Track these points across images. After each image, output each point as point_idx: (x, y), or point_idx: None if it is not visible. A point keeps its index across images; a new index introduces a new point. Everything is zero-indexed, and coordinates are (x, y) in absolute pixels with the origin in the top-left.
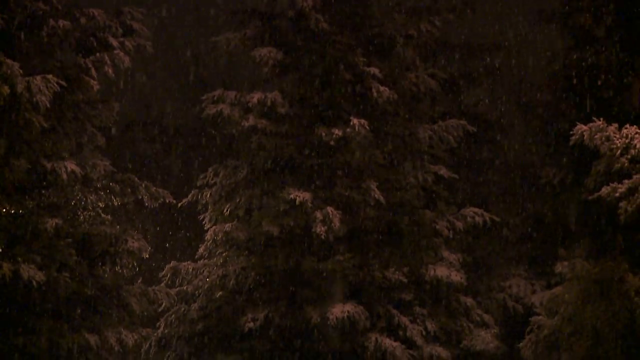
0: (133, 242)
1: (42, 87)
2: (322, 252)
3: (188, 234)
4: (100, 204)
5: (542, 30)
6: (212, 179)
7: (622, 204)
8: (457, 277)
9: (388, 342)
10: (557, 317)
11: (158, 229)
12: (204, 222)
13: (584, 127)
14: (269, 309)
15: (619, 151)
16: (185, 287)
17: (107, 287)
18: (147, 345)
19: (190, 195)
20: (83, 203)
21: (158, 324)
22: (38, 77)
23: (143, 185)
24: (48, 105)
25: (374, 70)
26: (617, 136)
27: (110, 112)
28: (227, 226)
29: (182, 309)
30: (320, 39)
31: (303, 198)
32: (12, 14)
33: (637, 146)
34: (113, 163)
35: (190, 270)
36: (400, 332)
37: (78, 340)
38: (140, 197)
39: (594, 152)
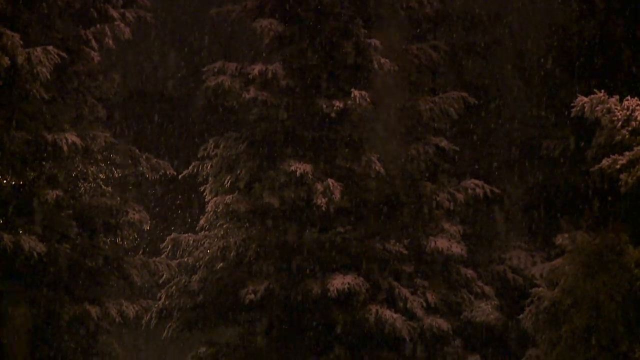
0: (134, 214)
1: (43, 58)
2: (323, 224)
3: (189, 206)
4: (101, 176)
5: (543, 0)
6: (213, 151)
7: (622, 176)
8: (457, 248)
9: (388, 314)
10: (557, 289)
11: (159, 200)
12: (204, 194)
13: (585, 99)
14: (270, 280)
15: (619, 123)
16: (185, 259)
17: (107, 259)
18: (147, 317)
19: (190, 167)
20: (84, 175)
21: (159, 295)
22: (38, 49)
23: (144, 156)
24: (48, 76)
25: (374, 42)
26: (618, 108)
27: (111, 83)
28: (228, 198)
29: (183, 280)
30: (321, 11)
31: (304, 170)
32: None
33: (638, 118)
34: (113, 135)
35: (191, 242)
36: (401, 304)
37: (79, 311)
38: (140, 168)
39: (595, 124)
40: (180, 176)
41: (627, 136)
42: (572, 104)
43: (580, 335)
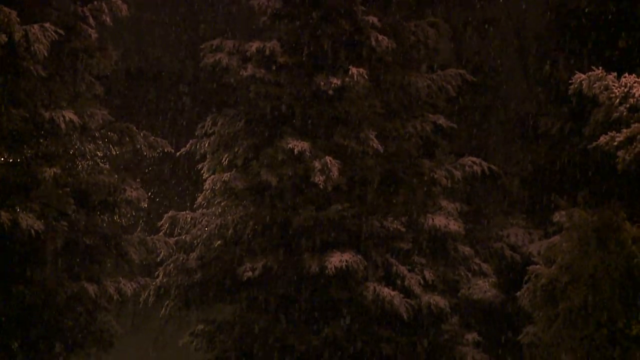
0: (131, 192)
1: (40, 35)
2: (321, 201)
3: (186, 184)
4: (99, 153)
5: None
6: (211, 129)
7: (620, 153)
8: (455, 226)
9: (386, 291)
10: (554, 266)
11: (156, 178)
12: (202, 172)
13: (583, 76)
14: (268, 258)
15: (617, 100)
16: (183, 237)
17: (105, 237)
18: (145, 295)
19: (188, 145)
20: (81, 152)
21: (156, 273)
22: (35, 26)
23: (141, 134)
24: (46, 54)
25: (372, 19)
26: (616, 85)
27: (109, 60)
28: (226, 175)
29: (181, 258)
30: None
31: (301, 148)
32: None
33: (636, 95)
34: (111, 112)
35: (189, 219)
36: (399, 281)
37: (76, 289)
38: (138, 146)
39: (593, 101)
40: (178, 154)
41: (624, 113)
42: (569, 81)
43: (578, 312)
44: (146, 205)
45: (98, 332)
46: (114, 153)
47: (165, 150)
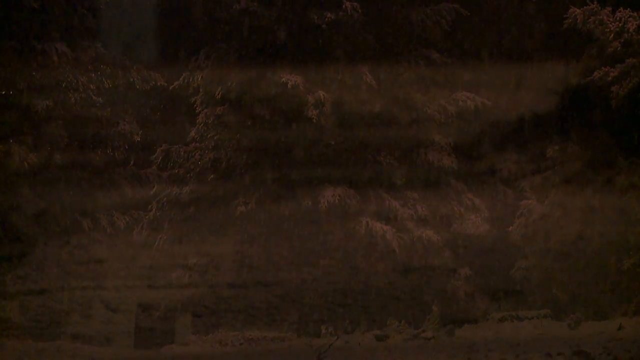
0: (124, 125)
1: None
2: (314, 135)
3: (179, 117)
4: (91, 86)
5: None
6: (204, 62)
7: (614, 88)
8: (448, 161)
9: (379, 226)
10: (547, 201)
11: (149, 111)
12: (195, 105)
13: (578, 11)
14: (260, 192)
15: (612, 35)
16: (177, 170)
17: (98, 170)
18: (139, 228)
19: (181, 78)
20: (74, 85)
21: (150, 206)
22: None
23: (134, 67)
24: None
25: None
26: (611, 20)
27: None
28: (219, 109)
29: (174, 192)
30: None
31: (295, 82)
32: None
33: (631, 30)
34: (104, 45)
35: (182, 153)
36: (391, 216)
37: (70, 222)
38: (131, 79)
39: (588, 35)
40: (171, 87)
41: (619, 48)
42: (564, 16)
43: (569, 247)
44: (139, 139)
45: (92, 264)
46: (107, 86)
47: (158, 84)
